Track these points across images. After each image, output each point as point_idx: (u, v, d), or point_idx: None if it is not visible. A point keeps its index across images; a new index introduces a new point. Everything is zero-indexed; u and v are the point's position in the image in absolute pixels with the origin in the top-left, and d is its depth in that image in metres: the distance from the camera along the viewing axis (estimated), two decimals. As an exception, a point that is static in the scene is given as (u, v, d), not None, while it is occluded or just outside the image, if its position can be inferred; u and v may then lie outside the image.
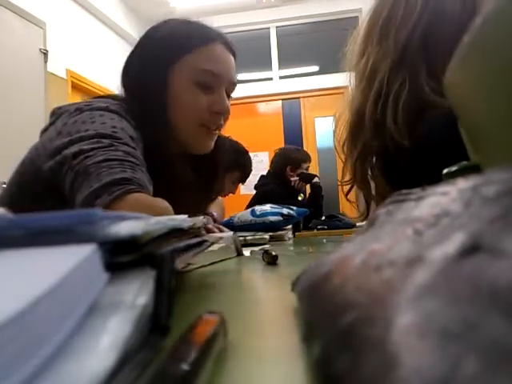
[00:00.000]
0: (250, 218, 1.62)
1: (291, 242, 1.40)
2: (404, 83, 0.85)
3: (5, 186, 0.98)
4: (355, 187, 0.99)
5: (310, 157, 3.41)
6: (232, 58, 1.04)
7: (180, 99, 0.98)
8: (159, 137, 0.94)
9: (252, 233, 1.36)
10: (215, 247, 0.75)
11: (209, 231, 1.12)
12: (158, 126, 0.95)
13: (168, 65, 0.98)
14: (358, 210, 1.01)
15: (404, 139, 0.82)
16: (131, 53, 1.06)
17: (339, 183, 1.02)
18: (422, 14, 0.86)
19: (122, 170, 0.76)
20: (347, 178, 1.00)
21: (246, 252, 0.89)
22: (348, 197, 1.01)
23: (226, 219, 1.70)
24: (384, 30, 0.90)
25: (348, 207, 1.12)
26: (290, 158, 3.26)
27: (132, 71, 1.02)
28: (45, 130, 0.96)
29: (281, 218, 1.58)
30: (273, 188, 3.08)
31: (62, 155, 0.81)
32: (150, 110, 0.96)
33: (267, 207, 1.65)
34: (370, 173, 0.95)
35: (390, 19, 0.89)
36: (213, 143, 1.05)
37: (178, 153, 1.00)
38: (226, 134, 2.57)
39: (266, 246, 1.10)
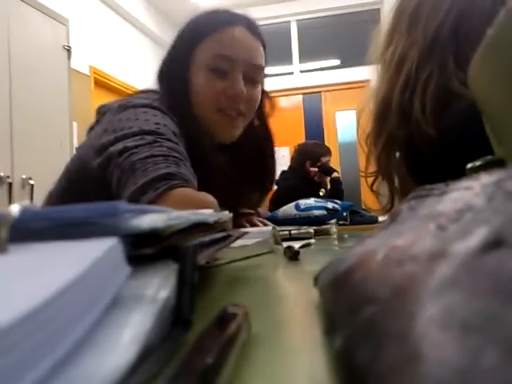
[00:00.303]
0: (295, 212, 1.61)
1: (335, 236, 1.39)
2: (432, 73, 0.84)
3: (31, 181, 1.01)
4: (379, 179, 0.98)
5: (330, 151, 3.39)
6: (256, 40, 1.02)
7: (198, 88, 0.98)
8: (191, 130, 0.94)
9: (296, 227, 1.36)
10: (251, 242, 0.74)
11: (253, 225, 1.13)
12: (186, 120, 0.95)
13: (188, 56, 0.99)
14: (379, 203, 1.00)
15: (430, 128, 0.81)
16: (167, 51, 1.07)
17: (363, 174, 1.01)
18: (452, 5, 0.85)
19: (166, 166, 0.77)
20: (371, 169, 0.99)
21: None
22: (373, 188, 1.01)
23: (270, 213, 1.70)
24: (413, 21, 0.89)
25: (370, 201, 1.11)
26: (308, 153, 3.26)
27: (162, 68, 1.04)
28: (91, 129, 0.99)
29: (325, 212, 1.57)
30: (293, 183, 3.08)
31: (108, 152, 0.83)
32: (177, 103, 0.97)
33: (311, 201, 1.63)
34: (394, 164, 0.94)
35: (419, 9, 0.88)
36: (237, 131, 1.03)
37: (215, 146, 1.00)
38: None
39: (312, 241, 1.09)
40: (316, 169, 3.21)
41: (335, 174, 3.28)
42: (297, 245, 0.78)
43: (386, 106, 0.90)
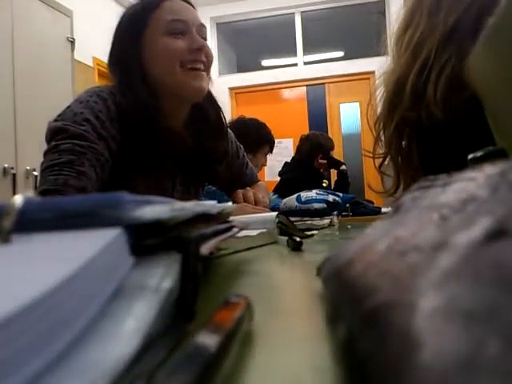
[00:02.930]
0: (296, 203, 1.61)
1: (338, 227, 1.39)
2: (451, 58, 0.84)
3: (35, 172, 1.07)
4: (387, 161, 0.98)
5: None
6: (191, 6, 1.11)
7: (155, 53, 1.05)
8: (142, 106, 1.02)
9: (298, 218, 1.37)
10: (255, 232, 0.74)
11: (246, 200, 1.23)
12: (140, 92, 1.03)
13: (137, 35, 1.06)
14: (384, 186, 1.00)
15: (440, 112, 0.81)
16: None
17: (370, 155, 1.01)
18: None
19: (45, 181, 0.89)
20: (379, 151, 0.99)
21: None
22: (381, 169, 1.00)
23: (272, 204, 1.70)
24: (434, 7, 0.89)
25: (373, 183, 1.11)
26: (320, 146, 3.22)
27: (112, 49, 1.13)
28: None
29: (325, 206, 1.57)
30: (297, 175, 3.06)
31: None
32: (128, 78, 1.04)
33: (313, 193, 1.63)
34: (405, 147, 0.93)
35: None
36: (204, 84, 1.08)
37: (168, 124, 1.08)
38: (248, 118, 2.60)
39: (315, 232, 1.09)
40: (325, 161, 3.20)
41: (343, 167, 3.29)
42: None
43: (399, 88, 0.90)
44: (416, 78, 0.87)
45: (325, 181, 3.21)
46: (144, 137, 1.02)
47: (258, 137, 2.46)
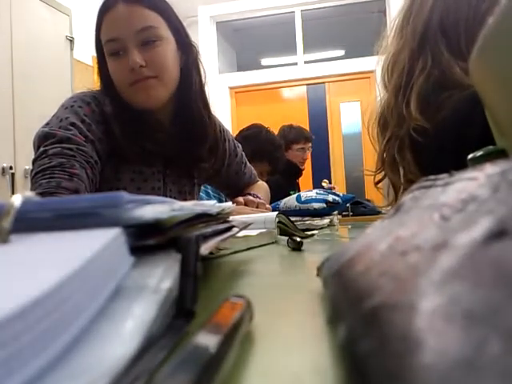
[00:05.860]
0: (295, 203, 1.61)
1: (336, 227, 1.38)
2: (425, 68, 0.86)
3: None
4: (383, 176, 0.99)
5: (306, 137, 3.16)
6: (135, 7, 1.05)
7: (111, 74, 1.09)
8: (120, 109, 1.08)
9: (298, 218, 1.37)
10: (253, 232, 0.74)
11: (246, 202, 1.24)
12: (116, 103, 1.09)
13: (101, 51, 1.10)
14: (386, 199, 1.01)
15: (429, 123, 0.82)
16: None
17: (370, 173, 1.01)
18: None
19: (39, 185, 0.90)
20: (377, 165, 1.00)
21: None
22: (378, 185, 1.01)
23: (273, 204, 1.69)
24: (404, 22, 0.92)
25: (374, 193, 1.11)
26: (282, 137, 3.01)
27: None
28: None
29: (325, 205, 1.57)
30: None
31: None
32: (106, 90, 1.12)
33: (313, 193, 1.63)
34: (397, 157, 0.94)
35: (410, 10, 0.92)
36: (156, 92, 1.08)
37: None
38: (255, 122, 2.54)
39: (316, 232, 1.09)
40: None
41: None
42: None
43: (386, 109, 0.92)
44: (393, 99, 0.90)
45: (325, 180, 3.17)
46: (129, 130, 1.07)
47: (258, 148, 2.27)
